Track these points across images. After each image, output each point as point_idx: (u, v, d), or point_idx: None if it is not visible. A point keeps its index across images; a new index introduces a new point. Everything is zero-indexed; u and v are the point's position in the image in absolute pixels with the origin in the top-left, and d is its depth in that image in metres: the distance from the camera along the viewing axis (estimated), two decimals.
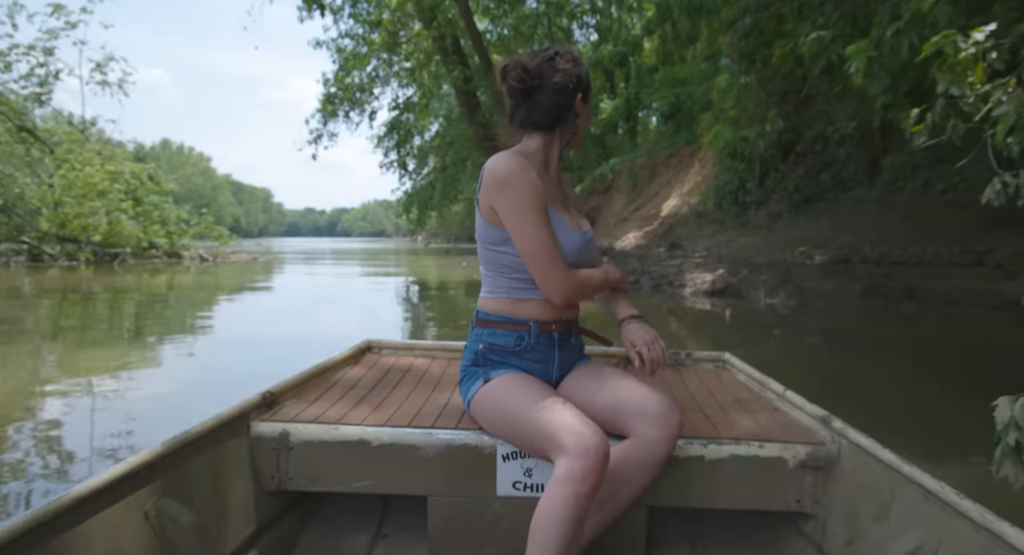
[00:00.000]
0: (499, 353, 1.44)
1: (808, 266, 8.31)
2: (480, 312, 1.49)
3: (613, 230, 23.89)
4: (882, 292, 7.62)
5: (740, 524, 1.57)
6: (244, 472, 1.41)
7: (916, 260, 7.82)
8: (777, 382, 1.82)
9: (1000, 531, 0.94)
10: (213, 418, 1.34)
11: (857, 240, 8.87)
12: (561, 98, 1.39)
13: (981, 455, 1.79)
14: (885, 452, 1.25)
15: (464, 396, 1.46)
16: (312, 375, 1.83)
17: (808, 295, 8.06)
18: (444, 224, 51.34)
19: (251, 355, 5.16)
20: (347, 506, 1.64)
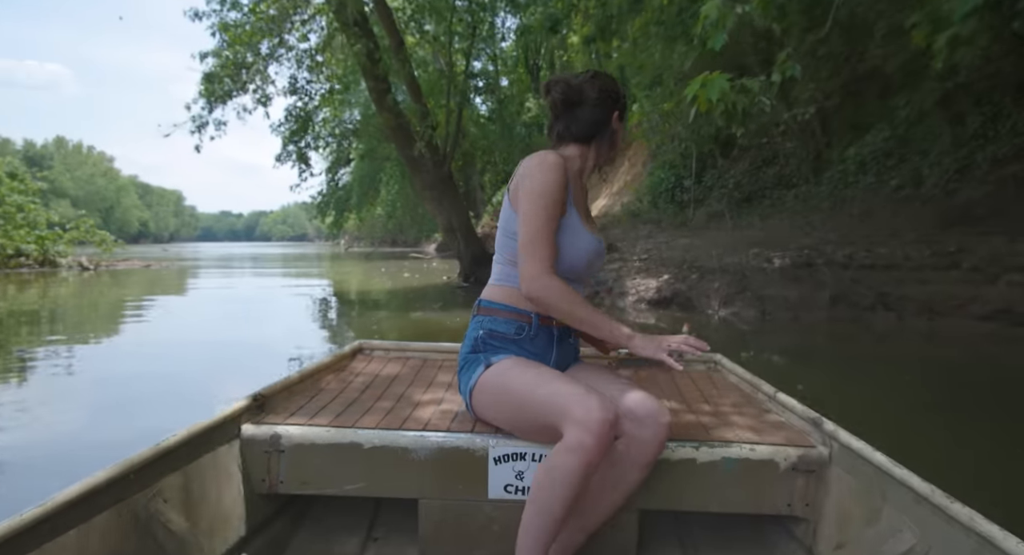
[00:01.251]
0: (499, 339, 1.43)
1: (767, 271, 7.21)
2: (483, 301, 1.48)
3: None
4: (852, 300, 6.61)
5: (731, 527, 1.52)
6: (235, 475, 1.38)
7: (885, 263, 6.86)
8: (768, 384, 1.77)
9: (990, 534, 0.93)
10: (203, 421, 1.31)
11: (815, 241, 7.88)
12: (599, 113, 1.46)
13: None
14: (876, 455, 1.22)
15: (464, 386, 1.45)
16: (303, 377, 1.78)
17: (769, 304, 6.96)
18: (367, 227, 49.05)
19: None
20: (338, 509, 1.61)
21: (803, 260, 7.16)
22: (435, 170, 11.11)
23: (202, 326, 6.97)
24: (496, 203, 28.57)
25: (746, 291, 7.21)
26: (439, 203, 11.67)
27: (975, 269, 6.47)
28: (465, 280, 12.07)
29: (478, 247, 12.11)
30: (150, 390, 3.90)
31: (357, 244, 54.45)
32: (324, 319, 7.45)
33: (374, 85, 10.30)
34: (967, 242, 6.88)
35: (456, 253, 12.27)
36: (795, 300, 6.83)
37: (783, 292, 6.96)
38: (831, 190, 9.52)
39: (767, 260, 7.30)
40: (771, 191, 10.87)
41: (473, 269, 11.89)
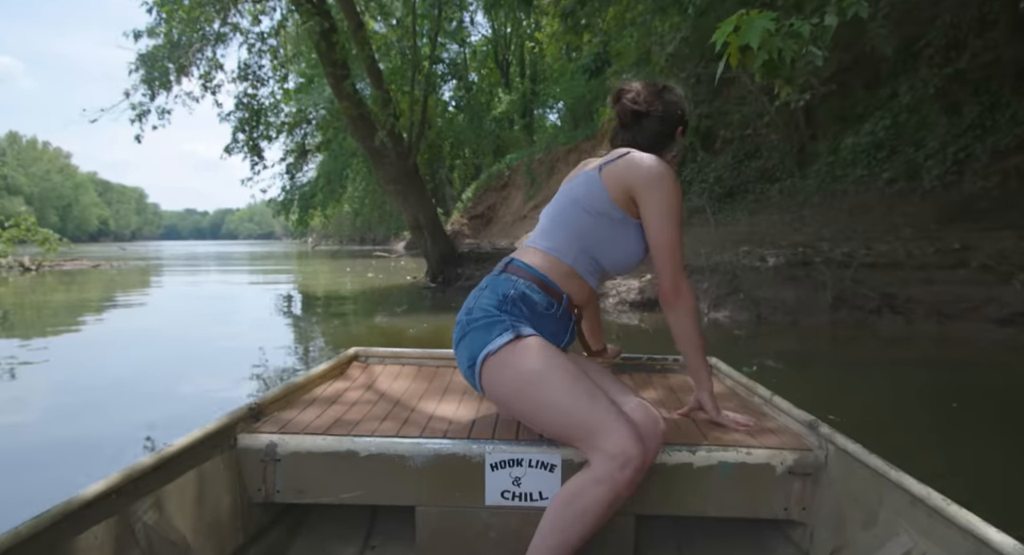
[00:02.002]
0: (529, 307, 1.35)
1: (760, 270, 6.58)
2: (521, 262, 1.41)
3: (511, 229, 22.00)
4: (854, 302, 6.01)
5: (728, 532, 1.50)
6: (231, 484, 1.37)
7: (887, 261, 6.28)
8: (764, 387, 1.76)
9: (986, 536, 0.92)
10: (198, 431, 1.29)
11: (807, 237, 7.29)
12: (665, 126, 1.49)
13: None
14: (872, 458, 1.21)
15: (475, 345, 1.32)
16: (299, 385, 1.76)
17: (765, 307, 6.32)
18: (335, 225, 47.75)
19: None
20: (335, 517, 1.59)
21: (799, 258, 6.54)
22: (399, 162, 10.27)
23: (124, 343, 6.04)
24: (467, 199, 27.77)
25: (738, 292, 6.57)
26: (404, 198, 10.83)
27: (984, 268, 5.92)
28: (433, 280, 11.26)
29: (446, 245, 11.31)
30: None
31: (325, 242, 52.94)
32: (270, 330, 6.57)
33: (331, 70, 9.40)
34: (972, 238, 6.34)
35: (423, 251, 11.45)
36: (793, 302, 6.21)
37: (779, 293, 6.33)
38: (819, 184, 8.96)
39: (760, 258, 6.67)
40: (754, 185, 10.29)
41: (441, 268, 11.08)
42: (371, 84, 9.35)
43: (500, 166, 26.62)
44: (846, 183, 8.60)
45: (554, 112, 31.52)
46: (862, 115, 9.35)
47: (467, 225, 26.30)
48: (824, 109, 10.08)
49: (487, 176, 27.49)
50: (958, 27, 7.63)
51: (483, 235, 23.86)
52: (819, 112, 10.12)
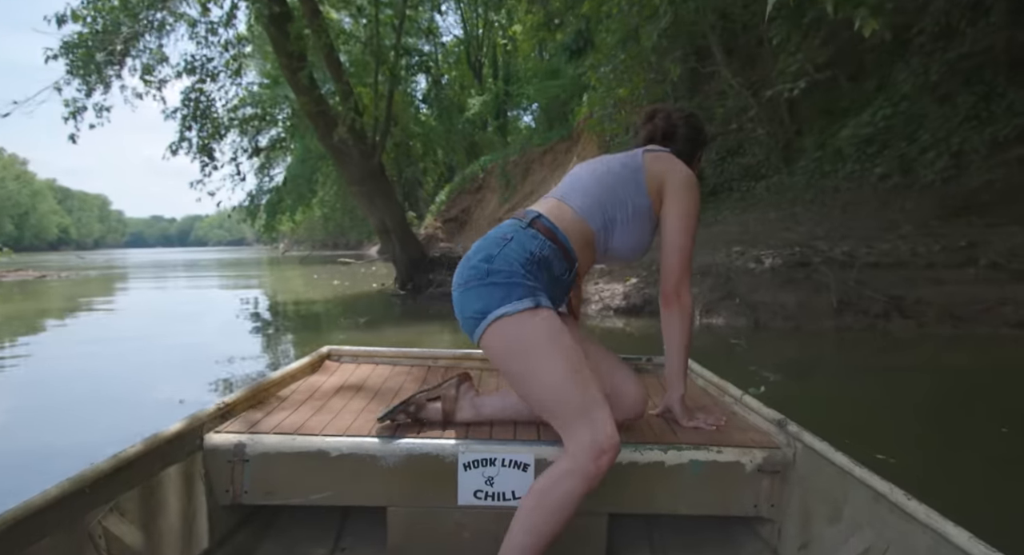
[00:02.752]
0: (549, 272, 1.31)
1: (755, 272, 6.06)
2: (550, 222, 1.35)
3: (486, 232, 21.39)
4: (860, 305, 5.51)
5: (699, 529, 1.51)
6: (197, 486, 1.33)
7: (891, 261, 5.81)
8: (735, 386, 1.76)
9: (944, 531, 0.94)
10: (164, 431, 1.25)
11: (802, 236, 6.80)
12: (689, 148, 1.58)
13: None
14: (838, 455, 1.23)
15: (482, 302, 1.23)
16: (269, 385, 1.72)
17: (763, 312, 5.80)
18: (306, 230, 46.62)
19: None
20: (305, 519, 1.54)
21: (796, 259, 6.03)
22: (363, 162, 9.58)
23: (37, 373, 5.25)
24: (440, 202, 27.08)
25: (733, 296, 6.03)
26: (370, 200, 10.13)
27: (995, 266, 5.47)
28: (402, 287, 10.57)
29: (416, 250, 10.64)
30: None
31: (296, 247, 51.61)
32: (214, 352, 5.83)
33: (287, 62, 8.69)
34: (977, 235, 5.90)
35: (391, 257, 10.76)
36: (793, 307, 5.69)
37: (778, 297, 5.81)
38: (808, 180, 8.52)
39: (755, 260, 6.15)
40: (738, 183, 9.83)
41: (411, 274, 10.40)
42: (330, 76, 8.63)
43: (474, 168, 26.01)
44: (836, 179, 8.17)
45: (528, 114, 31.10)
46: (848, 108, 8.94)
47: (441, 228, 25.62)
48: (809, 103, 9.67)
49: (461, 178, 26.83)
50: (950, 14, 7.23)
51: (458, 238, 23.22)
52: (804, 106, 9.71)
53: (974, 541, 0.89)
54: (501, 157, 24.43)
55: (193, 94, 9.01)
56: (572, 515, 1.15)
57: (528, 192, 21.76)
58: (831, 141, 8.69)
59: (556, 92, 21.44)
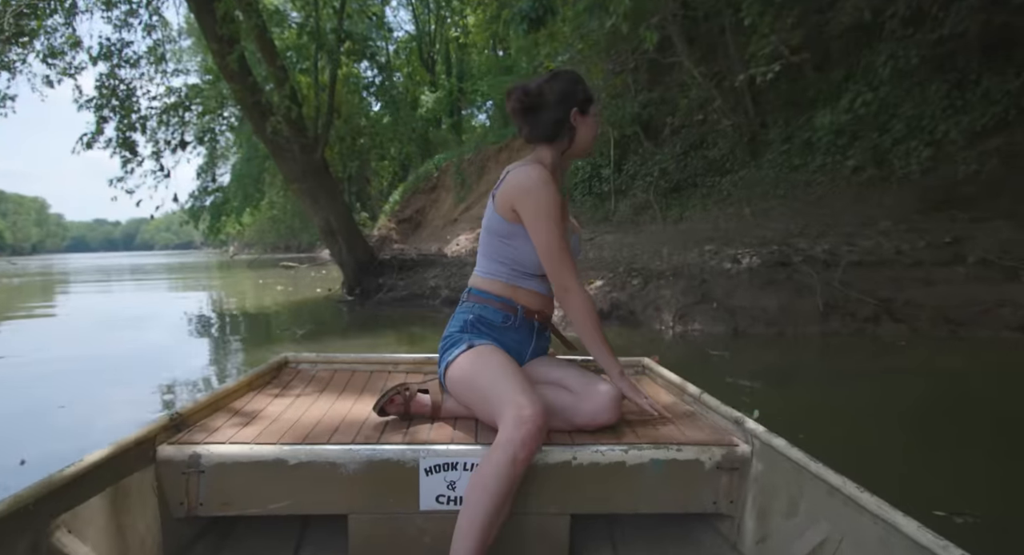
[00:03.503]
0: (487, 325, 1.53)
1: (731, 273, 5.50)
2: (473, 289, 1.58)
3: (442, 233, 20.56)
4: (846, 308, 5.00)
5: (660, 526, 1.50)
6: (149, 500, 1.28)
7: (875, 259, 5.33)
8: (694, 386, 1.76)
9: (895, 521, 0.96)
10: (114, 443, 1.20)
11: (776, 233, 6.31)
12: (557, 113, 1.51)
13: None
14: (794, 451, 1.24)
15: (442, 364, 1.52)
16: (225, 394, 1.67)
17: (742, 317, 5.23)
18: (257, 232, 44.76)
19: None
20: (263, 529, 1.48)
21: (776, 258, 5.50)
22: (304, 157, 8.69)
23: None
24: (394, 202, 26.09)
25: (709, 300, 5.46)
26: (313, 199, 9.24)
27: (985, 263, 5.05)
28: (350, 292, 9.72)
29: (364, 252, 9.80)
30: None
31: (247, 251, 49.48)
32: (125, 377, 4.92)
33: (217, 47, 7.74)
34: (961, 230, 5.49)
35: (338, 260, 9.89)
36: (775, 311, 5.14)
37: (758, 301, 5.26)
38: (777, 174, 8.06)
39: (732, 259, 5.59)
40: (703, 178, 9.34)
41: (360, 279, 9.56)
42: (263, 59, 7.73)
43: (428, 167, 25.12)
44: (807, 172, 7.73)
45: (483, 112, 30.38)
46: (815, 99, 8.53)
47: (395, 229, 24.66)
48: (773, 94, 9.25)
49: (415, 177, 25.91)
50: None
51: (413, 240, 22.34)
52: (768, 97, 9.29)
53: (923, 530, 0.91)
54: (456, 156, 23.64)
55: (110, 81, 7.95)
56: (505, 490, 1.19)
57: (483, 191, 21.02)
58: (799, 133, 8.26)
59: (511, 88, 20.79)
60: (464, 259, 10.31)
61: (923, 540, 0.90)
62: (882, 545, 0.99)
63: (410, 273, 9.65)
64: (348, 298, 9.69)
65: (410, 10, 32.34)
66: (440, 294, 8.49)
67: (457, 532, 1.18)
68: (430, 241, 19.87)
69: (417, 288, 8.96)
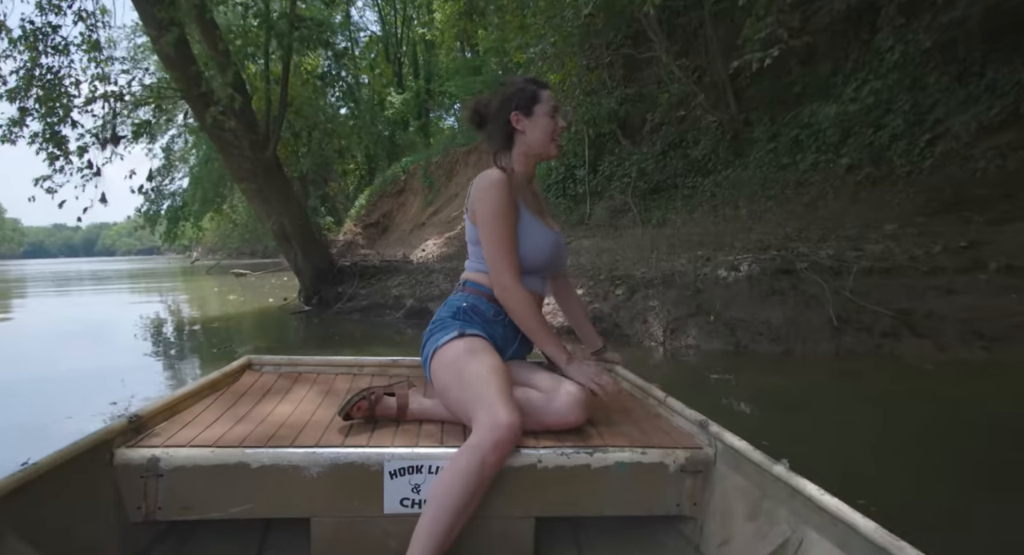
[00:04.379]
0: (479, 315, 1.54)
1: (728, 282, 4.83)
2: (470, 281, 1.60)
3: (409, 238, 19.69)
4: (860, 321, 4.37)
5: (624, 529, 1.49)
6: (105, 504, 1.24)
7: (886, 266, 4.72)
8: (659, 389, 1.75)
9: (853, 522, 0.96)
10: (68, 447, 1.17)
11: (772, 238, 5.68)
12: (501, 120, 1.56)
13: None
14: (756, 453, 1.23)
15: (429, 345, 1.51)
16: (186, 396, 1.63)
17: (743, 332, 4.57)
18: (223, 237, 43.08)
19: None
20: (224, 533, 1.43)
21: (777, 265, 4.85)
22: (254, 154, 7.79)
23: None
24: (360, 206, 25.11)
25: (704, 312, 4.78)
26: (264, 200, 8.34)
27: (1009, 269, 4.47)
28: (307, 302, 8.84)
29: (323, 259, 8.92)
30: None
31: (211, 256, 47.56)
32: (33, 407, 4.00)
33: (155, 34, 6.82)
34: (976, 233, 4.92)
35: (293, 266, 9.00)
36: (780, 325, 4.48)
37: (760, 313, 4.59)
38: (764, 174, 7.47)
39: (731, 266, 4.92)
40: (683, 179, 8.72)
41: (317, 287, 8.69)
42: (202, 41, 6.81)
43: (395, 170, 24.25)
44: (796, 172, 7.16)
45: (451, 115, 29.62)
46: (801, 94, 8.00)
47: (361, 234, 23.70)
48: (756, 90, 8.70)
49: (381, 180, 24.99)
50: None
51: (379, 244, 21.43)
52: (750, 93, 8.73)
53: (880, 531, 0.91)
54: (423, 158, 22.84)
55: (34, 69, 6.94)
56: (470, 493, 1.18)
57: (452, 194, 20.23)
58: (786, 130, 7.70)
59: (480, 88, 20.02)
60: (431, 266, 9.50)
61: (880, 541, 0.90)
62: (841, 546, 0.98)
63: (372, 280, 8.81)
64: (305, 308, 8.81)
65: (376, 11, 31.43)
66: (404, 304, 7.69)
67: (418, 531, 1.16)
68: (397, 246, 18.98)
69: (380, 297, 8.14)
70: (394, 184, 23.93)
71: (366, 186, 26.50)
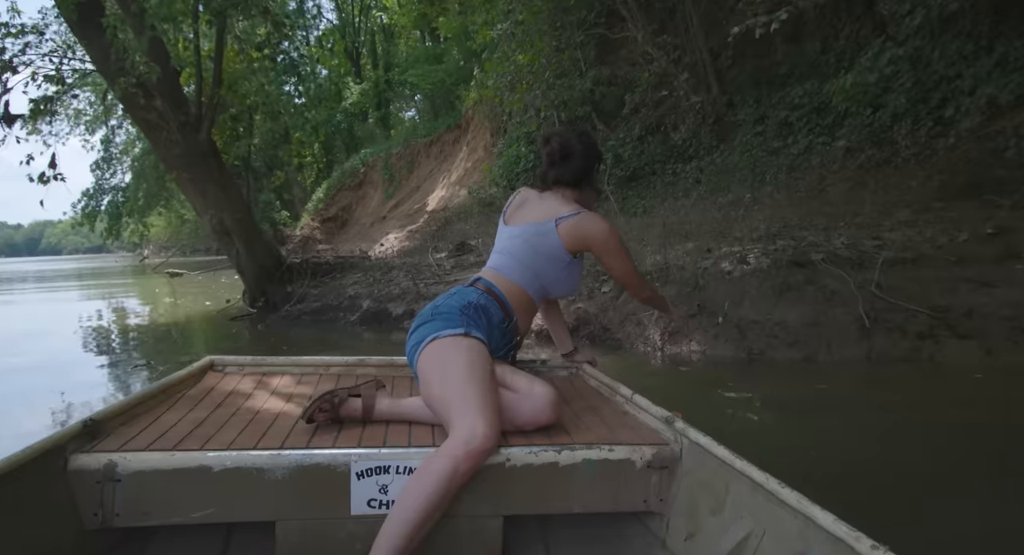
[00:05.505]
0: (487, 318, 1.54)
1: (733, 277, 4.16)
2: (490, 283, 1.62)
3: (370, 232, 18.67)
4: (890, 320, 3.74)
5: (591, 525, 1.47)
6: (59, 512, 1.18)
7: (911, 257, 4.11)
8: (626, 387, 1.72)
9: (813, 515, 0.97)
10: (18, 453, 1.11)
11: (773, 225, 5.03)
12: (586, 163, 1.74)
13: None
14: (720, 449, 1.24)
15: (426, 330, 1.47)
16: (144, 398, 1.56)
17: (754, 336, 3.89)
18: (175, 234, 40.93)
19: None
20: (185, 538, 1.37)
21: (787, 257, 4.19)
22: (185, 138, 6.81)
23: None
24: (317, 200, 23.89)
25: (708, 312, 4.09)
26: (199, 191, 7.35)
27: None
28: (252, 304, 7.88)
29: (268, 255, 7.96)
30: None
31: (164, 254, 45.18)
32: None
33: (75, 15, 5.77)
34: (1004, 219, 4.37)
35: (235, 265, 8.02)
36: (799, 327, 3.82)
37: (774, 313, 3.93)
38: (752, 159, 6.86)
39: (739, 259, 4.24)
40: (663, 165, 8.07)
41: (263, 288, 7.73)
42: (133, 33, 5.76)
43: (354, 162, 23.12)
44: (788, 156, 6.56)
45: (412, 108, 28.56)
46: (788, 74, 7.42)
47: (319, 229, 22.55)
48: (737, 70, 8.10)
49: (340, 173, 23.81)
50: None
51: (338, 239, 20.35)
52: (733, 73, 8.12)
53: (838, 523, 0.93)
54: (383, 150, 21.80)
55: None
56: (440, 499, 1.17)
57: (414, 187, 19.30)
58: (774, 112, 7.10)
59: (441, 77, 19.11)
60: (390, 262, 8.63)
61: (838, 532, 0.92)
62: (801, 538, 0.99)
63: (324, 278, 7.90)
64: (250, 311, 7.85)
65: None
66: (360, 305, 6.82)
67: (383, 532, 1.15)
68: (357, 240, 17.98)
69: (333, 298, 7.25)
70: (353, 177, 22.83)
71: (324, 179, 25.24)
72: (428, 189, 18.23)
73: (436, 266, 7.40)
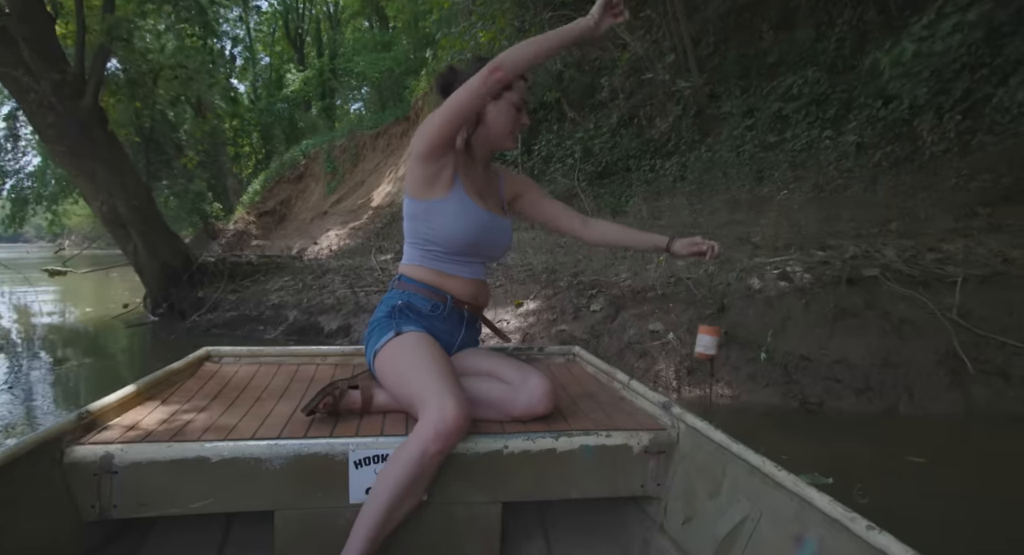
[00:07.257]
0: (415, 312, 1.45)
1: (768, 297, 3.11)
2: (404, 276, 1.50)
3: (309, 228, 17.00)
4: (982, 358, 2.78)
5: (589, 511, 1.46)
6: (56, 505, 1.14)
7: (984, 273, 3.19)
8: (623, 373, 1.69)
9: (809, 497, 0.97)
10: (14, 446, 1.07)
11: (788, 235, 4.05)
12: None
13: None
14: (717, 433, 1.22)
15: (370, 348, 1.44)
16: (141, 390, 1.50)
17: (808, 380, 2.85)
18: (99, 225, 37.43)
19: None
20: (184, 529, 1.35)
21: (836, 271, 3.19)
22: (62, 103, 5.29)
23: None
24: (254, 192, 21.92)
25: (739, 343, 3.04)
26: (85, 171, 5.81)
27: None
28: (154, 311, 6.39)
29: (175, 254, 6.47)
30: None
31: (89, 245, 41.27)
32: None
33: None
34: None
35: (133, 263, 6.49)
36: (864, 365, 2.81)
37: (831, 347, 2.90)
38: (742, 156, 5.92)
39: (779, 274, 3.20)
40: (638, 161, 7.06)
41: (168, 292, 6.26)
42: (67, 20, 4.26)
43: (294, 153, 21.28)
44: (786, 153, 5.65)
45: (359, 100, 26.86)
46: (778, 64, 6.54)
47: (255, 223, 20.55)
48: (720, 59, 7.18)
49: (279, 165, 21.88)
50: None
51: (275, 235, 18.56)
52: (715, 63, 7.20)
53: (834, 504, 0.92)
54: (326, 141, 20.12)
55: None
56: (410, 481, 1.13)
57: (358, 181, 17.75)
58: (765, 104, 6.20)
59: (389, 65, 17.68)
60: (325, 264, 7.26)
61: (834, 513, 0.91)
62: (797, 520, 0.99)
63: (244, 281, 6.49)
64: (151, 319, 6.36)
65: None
66: (285, 317, 5.48)
67: (360, 517, 1.14)
68: (296, 236, 16.33)
69: (252, 307, 5.86)
70: (293, 169, 20.97)
71: (262, 171, 23.23)
72: (373, 184, 16.77)
73: (380, 270, 6.11)
